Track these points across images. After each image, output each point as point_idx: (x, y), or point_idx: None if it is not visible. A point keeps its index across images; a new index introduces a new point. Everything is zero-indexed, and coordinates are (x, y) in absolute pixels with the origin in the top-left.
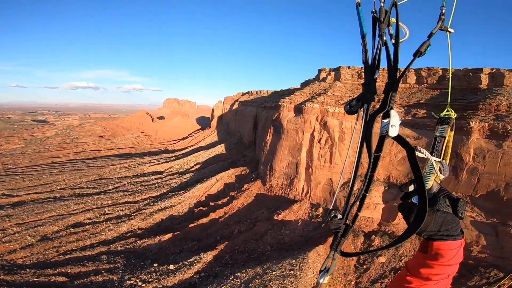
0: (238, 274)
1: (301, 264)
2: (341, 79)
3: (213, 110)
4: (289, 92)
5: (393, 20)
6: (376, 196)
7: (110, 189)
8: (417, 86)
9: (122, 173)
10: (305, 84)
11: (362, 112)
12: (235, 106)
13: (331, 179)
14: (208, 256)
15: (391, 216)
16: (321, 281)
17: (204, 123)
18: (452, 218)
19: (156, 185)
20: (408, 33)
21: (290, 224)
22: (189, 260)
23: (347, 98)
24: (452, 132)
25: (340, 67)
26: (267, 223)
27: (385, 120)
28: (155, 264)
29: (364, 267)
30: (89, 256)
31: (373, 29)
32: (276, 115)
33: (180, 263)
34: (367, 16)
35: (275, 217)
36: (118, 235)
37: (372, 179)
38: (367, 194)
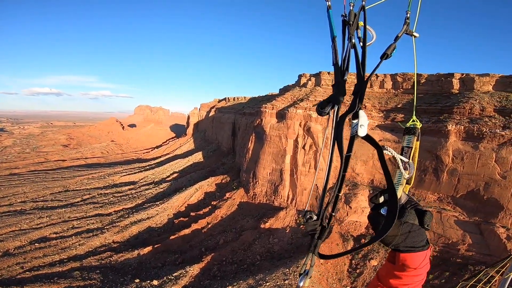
0: (230, 287)
1: (295, 273)
2: (322, 84)
3: (188, 117)
4: (268, 98)
5: (361, 23)
6: (362, 200)
7: (77, 202)
8: (393, 91)
9: (91, 184)
10: (284, 89)
11: (332, 114)
12: (212, 113)
13: (316, 184)
14: (194, 269)
15: None
16: (301, 284)
17: (178, 130)
18: (418, 230)
19: (130, 196)
20: (375, 36)
21: (277, 232)
22: (174, 275)
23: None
24: (418, 142)
25: (320, 72)
26: (254, 232)
27: (355, 121)
28: (137, 280)
29: (358, 271)
30: (60, 273)
31: (343, 32)
32: (257, 121)
33: (165, 278)
34: (337, 19)
35: (262, 226)
36: (90, 249)
37: (344, 179)
38: (340, 195)
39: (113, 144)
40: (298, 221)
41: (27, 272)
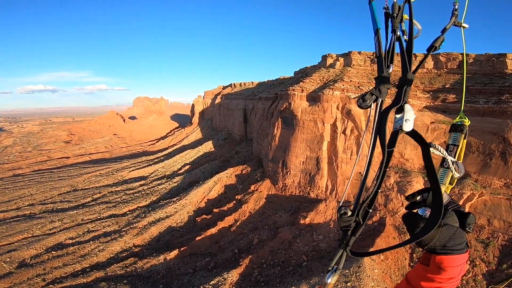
0: None
1: (357, 274)
2: (353, 65)
3: (193, 106)
4: (281, 81)
5: (406, 16)
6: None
7: (88, 202)
8: (436, 71)
9: (99, 181)
10: (302, 72)
11: (375, 107)
12: (218, 100)
13: (360, 173)
14: (233, 276)
15: None
16: (328, 281)
17: (181, 120)
18: (460, 232)
19: (143, 192)
20: (420, 29)
21: (320, 227)
22: (211, 283)
23: (366, 84)
24: (465, 141)
25: (350, 52)
26: (292, 229)
27: (399, 115)
28: None
29: None
30: (85, 285)
31: (386, 24)
32: (284, 106)
33: None
34: (380, 11)
35: (301, 221)
36: (111, 255)
37: (384, 175)
38: (379, 191)
39: (116, 138)
40: None
41: (50, 286)
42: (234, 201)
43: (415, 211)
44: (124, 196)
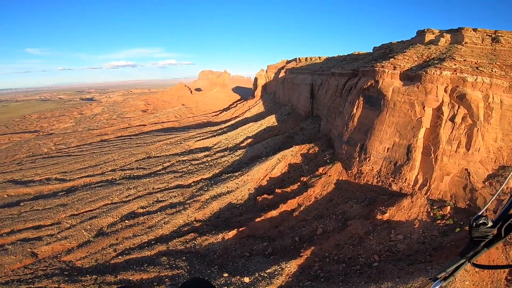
0: None
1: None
2: (465, 43)
3: (256, 79)
4: (354, 58)
5: None
6: None
7: (159, 170)
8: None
9: (169, 150)
10: (384, 48)
11: None
12: (282, 74)
13: (467, 169)
14: (291, 267)
15: None
16: None
17: (243, 93)
18: None
19: (207, 164)
20: None
21: (401, 226)
22: (267, 271)
23: (487, 66)
24: None
25: (461, 28)
26: (364, 223)
27: None
28: (225, 274)
29: None
30: (149, 258)
31: None
32: (369, 83)
33: (256, 275)
34: None
35: (378, 216)
36: (175, 228)
37: None
38: None
39: (184, 108)
40: (433, 214)
41: (119, 257)
42: (299, 183)
43: None
44: (189, 167)
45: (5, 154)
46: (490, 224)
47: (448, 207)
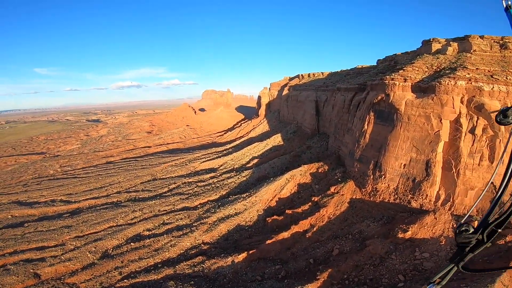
0: None
1: None
2: (474, 50)
3: (259, 98)
4: (358, 71)
5: None
6: None
7: (165, 192)
8: None
9: (175, 172)
10: (388, 60)
11: None
12: (285, 92)
13: (492, 183)
14: None
15: None
16: None
17: (246, 112)
18: None
19: (213, 185)
20: None
21: (425, 243)
22: None
23: (500, 74)
24: None
25: (467, 36)
26: (384, 242)
27: None
28: None
29: None
30: (156, 282)
31: None
32: (379, 97)
33: None
34: None
35: (399, 234)
36: (182, 251)
37: None
38: None
39: (188, 129)
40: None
41: (125, 280)
42: (310, 203)
43: None
44: (196, 188)
45: (11, 176)
46: (471, 230)
47: (476, 222)
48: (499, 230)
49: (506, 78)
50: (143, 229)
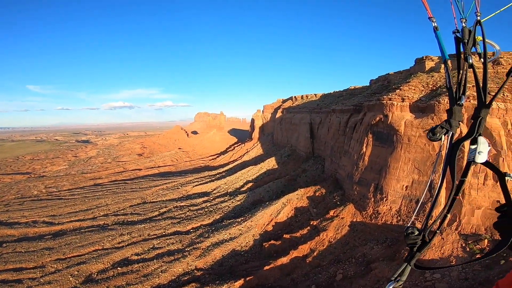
0: None
1: None
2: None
3: (252, 121)
4: (351, 92)
5: (479, 38)
6: None
7: (155, 216)
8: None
9: (166, 195)
10: (381, 80)
11: (446, 139)
12: (279, 114)
13: (499, 201)
14: None
15: None
16: None
17: (239, 135)
18: None
19: (206, 209)
20: (498, 49)
21: (435, 264)
22: None
23: (494, 90)
24: None
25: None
26: (392, 265)
27: (473, 147)
28: None
29: None
30: None
31: (457, 50)
32: (377, 118)
33: None
34: (449, 38)
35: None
36: (173, 278)
37: (454, 202)
38: (448, 215)
39: (180, 152)
40: (469, 249)
41: None
42: (309, 227)
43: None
44: (188, 213)
45: None
46: (416, 232)
47: (486, 241)
48: (438, 231)
49: (503, 95)
50: (131, 253)
